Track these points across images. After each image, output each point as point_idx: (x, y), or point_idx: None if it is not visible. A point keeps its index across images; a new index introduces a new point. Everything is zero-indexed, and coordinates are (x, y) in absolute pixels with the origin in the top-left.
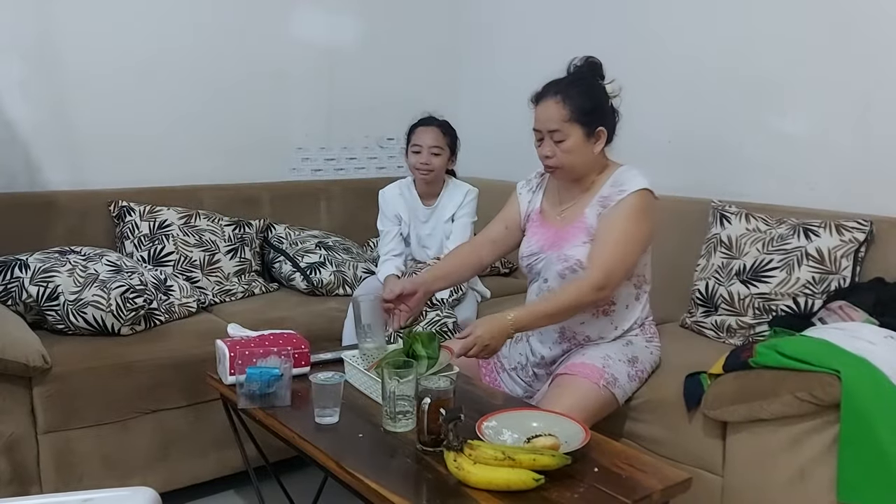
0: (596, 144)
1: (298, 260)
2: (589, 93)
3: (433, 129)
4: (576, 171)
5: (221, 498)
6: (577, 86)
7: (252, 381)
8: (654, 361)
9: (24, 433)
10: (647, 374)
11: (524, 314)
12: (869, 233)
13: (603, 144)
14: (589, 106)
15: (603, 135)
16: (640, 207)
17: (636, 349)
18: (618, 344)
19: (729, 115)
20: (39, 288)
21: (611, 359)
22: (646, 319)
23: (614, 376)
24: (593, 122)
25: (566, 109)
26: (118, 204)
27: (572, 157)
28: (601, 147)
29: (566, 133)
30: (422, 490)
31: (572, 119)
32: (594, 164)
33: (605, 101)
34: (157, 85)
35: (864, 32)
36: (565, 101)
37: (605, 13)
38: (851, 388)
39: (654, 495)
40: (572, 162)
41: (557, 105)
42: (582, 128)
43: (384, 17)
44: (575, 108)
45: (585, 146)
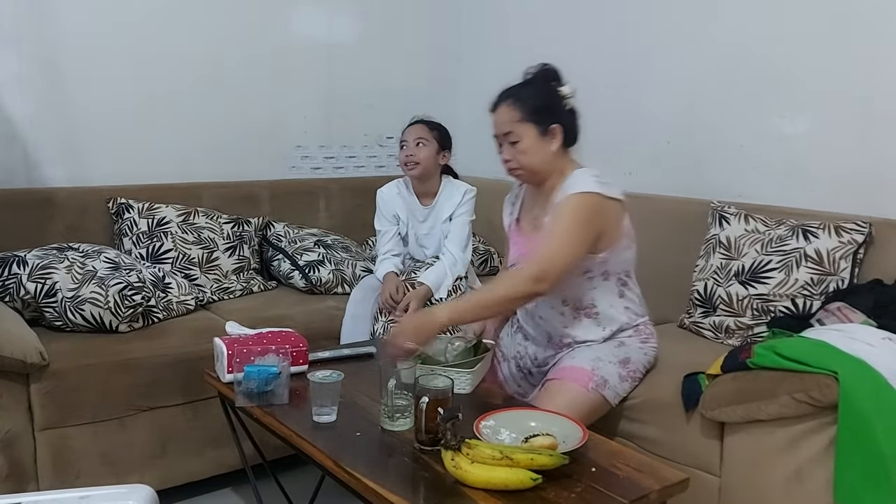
0: (552, 143)
1: (297, 258)
2: (539, 92)
3: (418, 125)
4: (535, 171)
5: (219, 496)
6: (527, 87)
7: (250, 380)
8: (649, 362)
9: (21, 430)
10: (642, 374)
11: (458, 306)
12: (868, 234)
13: (559, 143)
14: (540, 104)
15: (558, 132)
16: (577, 209)
17: (629, 350)
18: (610, 345)
19: (728, 116)
20: (37, 284)
21: (601, 360)
22: (640, 320)
23: (604, 378)
24: (545, 120)
25: (517, 111)
26: (117, 201)
27: (529, 156)
28: (557, 145)
29: (520, 133)
30: (419, 489)
31: (524, 119)
32: (553, 165)
33: (558, 101)
34: (156, 82)
35: (863, 34)
36: (516, 103)
37: (604, 13)
38: (849, 389)
39: (652, 495)
40: (530, 162)
41: (509, 108)
42: (535, 126)
43: (384, 16)
44: (525, 108)
45: (540, 144)
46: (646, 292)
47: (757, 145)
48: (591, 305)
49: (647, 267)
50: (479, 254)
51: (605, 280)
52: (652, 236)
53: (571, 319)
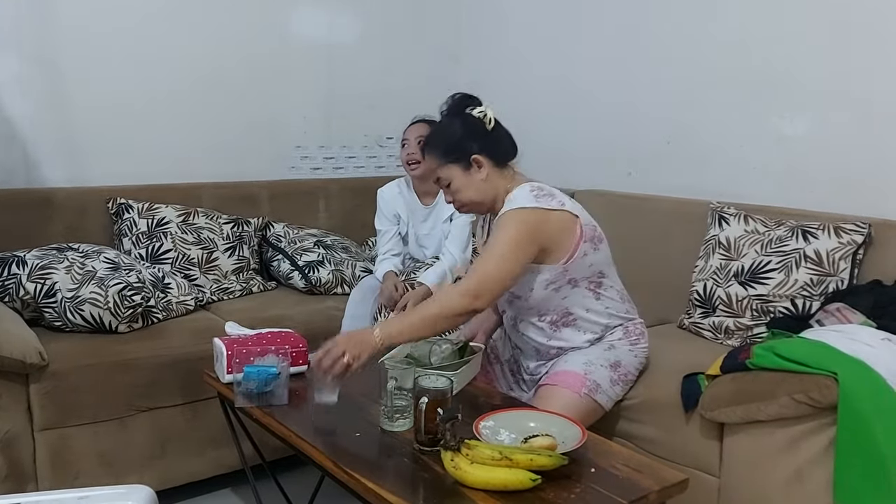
0: (479, 172)
1: (297, 258)
2: (446, 132)
3: (420, 124)
4: (478, 202)
5: (218, 496)
6: (435, 132)
7: (249, 380)
8: (640, 363)
9: (20, 430)
10: (633, 377)
11: (392, 326)
12: (867, 235)
13: (487, 168)
14: (447, 145)
15: (481, 160)
16: (511, 226)
17: (619, 353)
18: (599, 349)
19: (728, 117)
20: (37, 285)
21: (593, 364)
22: (628, 322)
23: (596, 383)
24: (462, 156)
25: (435, 158)
26: (116, 201)
27: (463, 193)
28: (486, 172)
29: (447, 176)
30: (419, 490)
31: (442, 163)
32: (492, 190)
33: (474, 129)
34: (156, 82)
35: (863, 35)
36: (431, 150)
37: (604, 13)
38: (848, 390)
39: (651, 496)
40: (468, 197)
41: (429, 158)
42: (455, 165)
43: (384, 16)
44: (439, 152)
45: (468, 179)
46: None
47: (756, 146)
48: (567, 314)
49: (646, 267)
50: (478, 254)
51: (575, 287)
52: (651, 237)
53: (552, 332)
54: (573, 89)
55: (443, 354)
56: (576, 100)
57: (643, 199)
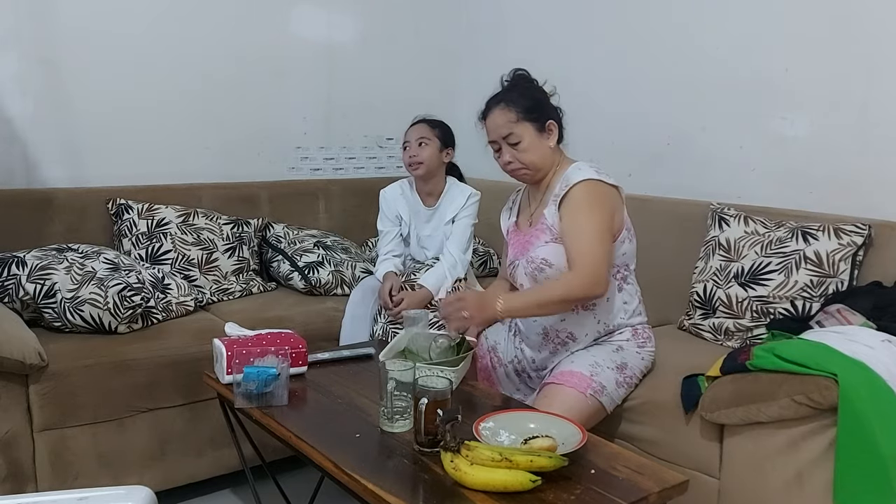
0: (550, 139)
1: (297, 259)
2: (529, 93)
3: (419, 125)
4: (538, 167)
5: (218, 497)
6: (516, 89)
7: (249, 381)
8: (646, 367)
9: (19, 431)
10: (638, 379)
11: (515, 300)
12: (867, 236)
13: (556, 138)
14: (532, 103)
15: (554, 128)
16: (586, 198)
17: (626, 355)
18: (607, 349)
19: (728, 118)
20: (36, 285)
21: (599, 366)
22: (638, 324)
23: (602, 384)
24: (541, 117)
25: (512, 112)
26: (116, 201)
27: (531, 154)
28: (554, 141)
29: (519, 133)
30: (418, 491)
31: (520, 118)
32: (552, 160)
33: (547, 99)
34: (155, 83)
35: (862, 36)
36: (509, 104)
37: (604, 14)
38: (848, 391)
39: (651, 497)
40: (532, 159)
41: (504, 111)
42: (532, 125)
43: (384, 16)
44: (520, 108)
45: (540, 142)
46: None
47: (757, 147)
48: None
49: (646, 268)
50: (478, 255)
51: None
52: (652, 238)
53: (571, 313)
54: (573, 90)
55: (439, 349)
56: (576, 101)
57: (643, 200)
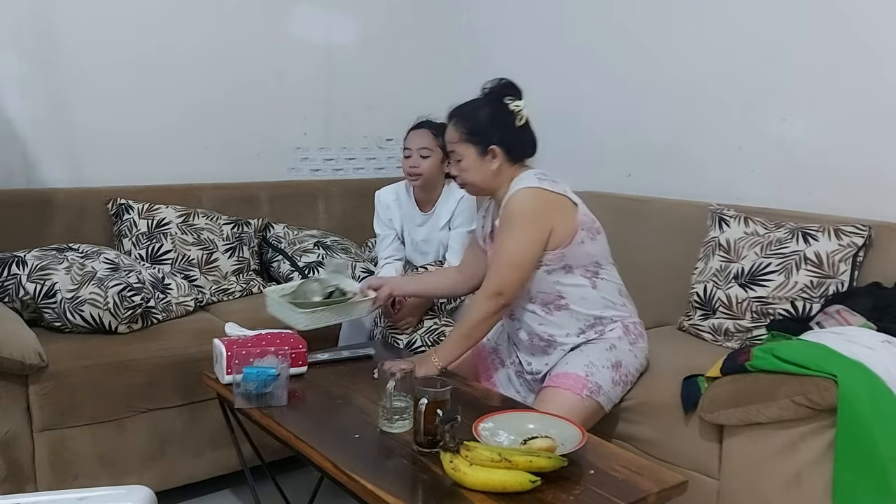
0: (492, 162)
1: (297, 259)
2: (481, 114)
3: (423, 131)
4: (479, 187)
5: (217, 497)
6: (472, 108)
7: (249, 381)
8: (640, 365)
9: (19, 431)
10: (633, 377)
11: (444, 347)
12: (867, 237)
13: (500, 161)
14: (478, 127)
15: (497, 153)
16: (522, 208)
17: (620, 353)
18: (601, 347)
19: (727, 119)
20: (36, 285)
21: (594, 366)
22: (628, 321)
23: (598, 384)
24: (484, 141)
25: (457, 132)
26: (116, 202)
27: (469, 174)
28: (498, 164)
29: (460, 153)
30: (417, 491)
31: (463, 140)
32: (497, 181)
33: (503, 120)
34: (156, 83)
35: (862, 37)
36: (457, 124)
37: (604, 15)
38: (848, 392)
39: (650, 498)
40: (472, 179)
41: (452, 128)
42: (474, 147)
43: (384, 17)
44: (465, 129)
45: (480, 164)
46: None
47: (756, 148)
48: (559, 297)
49: (646, 269)
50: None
51: (568, 273)
52: (651, 238)
53: (543, 315)
54: (573, 91)
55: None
56: (576, 101)
57: (643, 201)
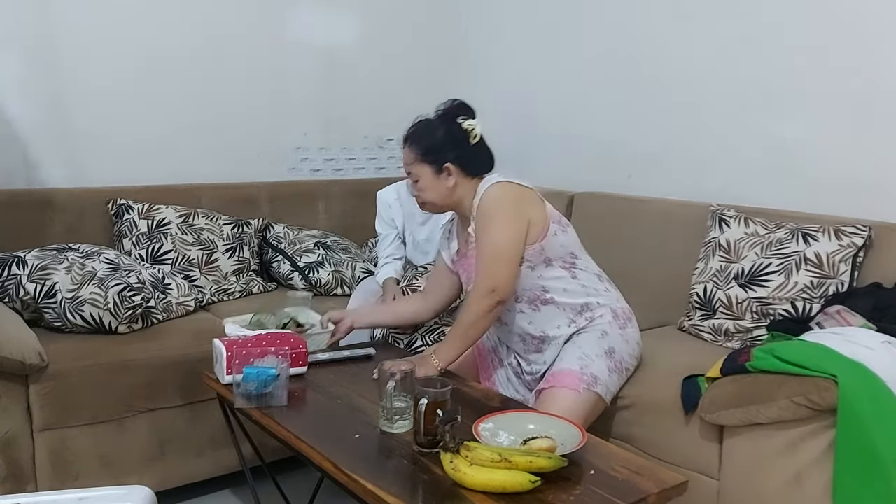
0: (448, 179)
1: (297, 259)
2: (434, 134)
3: None
4: (438, 204)
5: (217, 497)
6: (424, 129)
7: (249, 381)
8: (633, 352)
9: (19, 431)
10: (628, 365)
11: (443, 347)
12: (867, 238)
13: (455, 179)
14: (432, 146)
15: (452, 170)
16: (497, 203)
17: (612, 339)
18: (593, 336)
19: (728, 119)
20: (37, 285)
21: (587, 357)
22: (616, 305)
23: (594, 375)
24: (438, 160)
25: (412, 152)
26: (116, 202)
27: (427, 193)
28: (454, 181)
29: (417, 173)
30: (418, 491)
31: (418, 160)
32: (456, 197)
33: (456, 138)
34: (156, 83)
35: (862, 37)
36: (412, 145)
37: (604, 15)
38: (848, 393)
39: (650, 498)
40: (431, 198)
41: (408, 149)
42: (429, 166)
43: (384, 17)
44: (419, 150)
45: (436, 182)
46: (645, 295)
47: (756, 148)
48: (543, 291)
49: (646, 269)
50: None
51: (549, 266)
52: (651, 239)
53: (531, 312)
54: (573, 92)
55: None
56: (576, 102)
57: (643, 202)
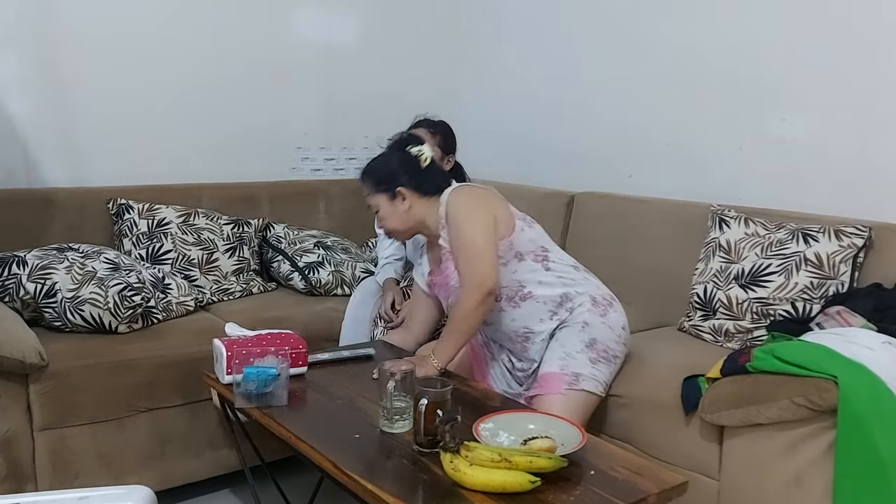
0: (403, 203)
1: (297, 259)
2: (381, 165)
3: (420, 129)
4: (401, 230)
5: (217, 497)
6: (375, 163)
7: (249, 381)
8: (618, 337)
9: (19, 430)
10: (616, 352)
11: (440, 345)
12: (868, 238)
13: (410, 201)
14: (381, 175)
15: (404, 192)
16: (457, 209)
17: (593, 330)
18: (574, 330)
19: (728, 119)
20: (37, 285)
21: (568, 355)
22: (596, 293)
23: (575, 373)
24: (391, 187)
25: (367, 186)
26: (117, 201)
27: (389, 221)
28: (409, 204)
29: (375, 204)
30: (417, 491)
31: (373, 191)
32: (416, 218)
33: (406, 163)
34: (156, 83)
35: (863, 38)
36: (365, 180)
37: (604, 15)
38: (848, 393)
39: (651, 498)
40: (393, 225)
41: (362, 185)
42: (383, 194)
43: (384, 16)
44: (371, 181)
45: (393, 208)
46: (645, 295)
47: (757, 148)
48: (520, 287)
49: (646, 270)
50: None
51: (521, 261)
52: (652, 239)
53: (512, 310)
54: (574, 92)
55: None
56: (576, 102)
57: (644, 202)
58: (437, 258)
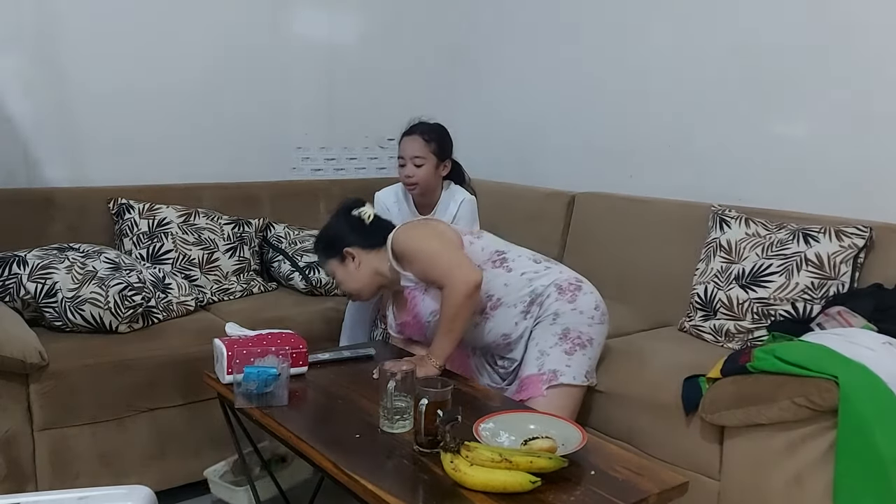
0: (352, 263)
1: (297, 259)
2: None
3: (415, 137)
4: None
5: None
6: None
7: (249, 381)
8: (590, 319)
9: (20, 430)
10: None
11: (435, 345)
12: (868, 239)
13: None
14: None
15: (351, 253)
16: (404, 243)
17: (564, 319)
18: (545, 325)
19: (729, 120)
20: (37, 285)
21: (543, 353)
22: (562, 280)
23: (551, 370)
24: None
25: (320, 256)
26: (117, 201)
27: (346, 284)
28: (359, 261)
29: (331, 271)
30: (418, 491)
31: (325, 260)
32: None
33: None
34: (157, 83)
35: (864, 38)
36: (317, 250)
37: (605, 16)
38: (849, 393)
39: (651, 499)
40: (351, 287)
41: (318, 256)
42: (334, 259)
43: (385, 17)
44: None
45: (346, 271)
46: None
47: (757, 149)
48: (489, 297)
49: (647, 270)
50: None
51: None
52: (652, 239)
53: (486, 322)
54: (574, 92)
55: None
56: (577, 102)
57: (644, 202)
58: (401, 303)
